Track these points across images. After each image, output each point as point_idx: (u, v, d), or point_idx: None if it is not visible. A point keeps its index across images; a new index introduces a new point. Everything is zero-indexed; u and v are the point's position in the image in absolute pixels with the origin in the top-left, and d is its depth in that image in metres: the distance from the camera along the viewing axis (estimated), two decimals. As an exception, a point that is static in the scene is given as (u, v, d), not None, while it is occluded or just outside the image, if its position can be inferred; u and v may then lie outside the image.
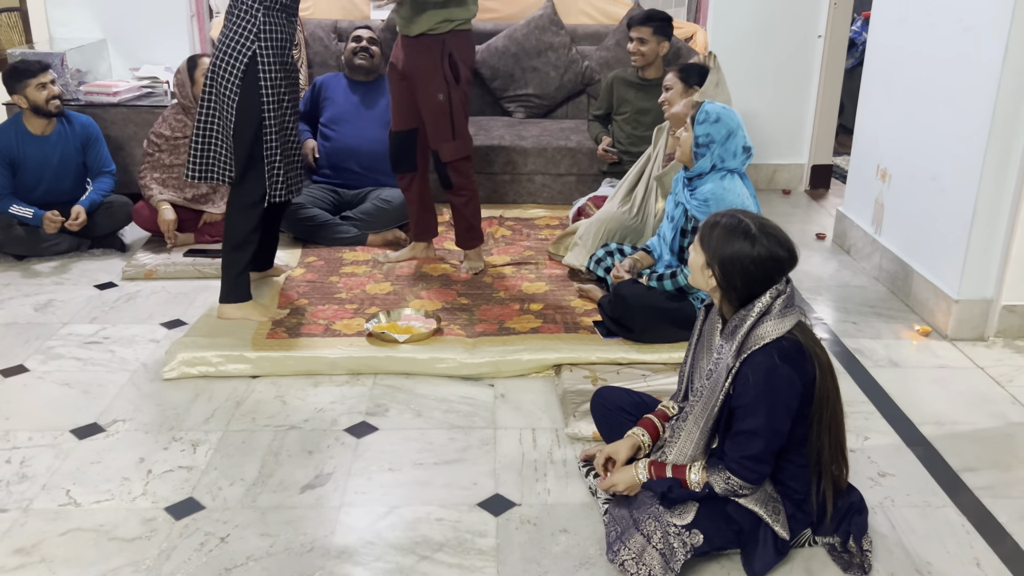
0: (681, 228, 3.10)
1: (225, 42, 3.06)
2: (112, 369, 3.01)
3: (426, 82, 3.42)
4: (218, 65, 3.08)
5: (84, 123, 4.06)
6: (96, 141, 4.07)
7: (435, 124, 3.49)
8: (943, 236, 3.37)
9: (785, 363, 1.94)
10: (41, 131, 3.92)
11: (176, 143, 4.05)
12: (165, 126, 4.07)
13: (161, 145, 4.06)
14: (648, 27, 4.03)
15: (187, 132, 4.05)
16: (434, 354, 3.03)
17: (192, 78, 3.98)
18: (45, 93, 3.85)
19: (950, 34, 3.33)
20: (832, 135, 5.23)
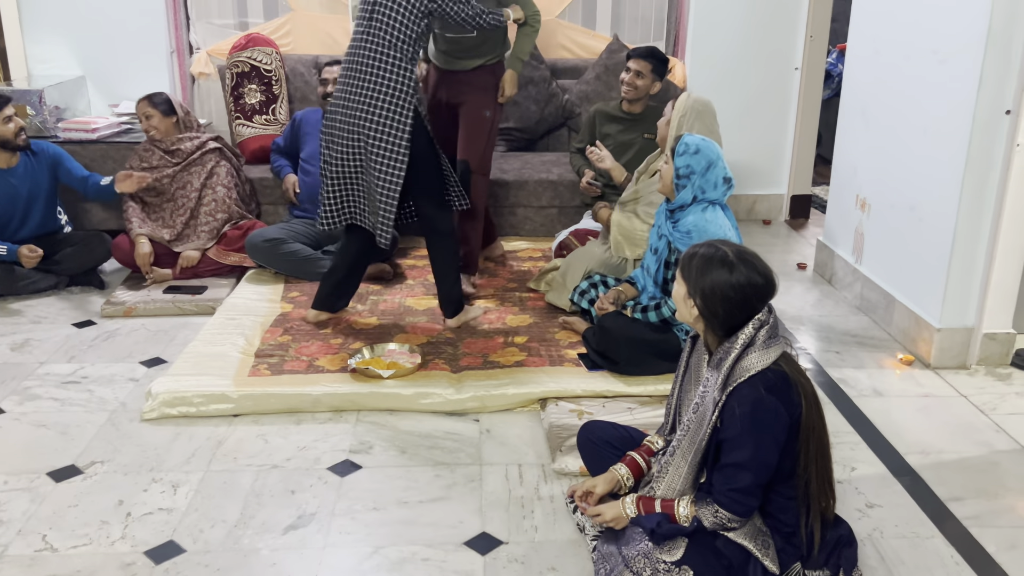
0: (665, 260, 3.11)
1: (383, 101, 3.18)
2: (90, 409, 2.96)
3: (478, 104, 3.80)
4: (379, 124, 3.18)
5: (44, 147, 4.02)
6: (63, 158, 4.06)
7: (472, 137, 3.80)
8: (924, 265, 3.40)
9: (772, 395, 1.93)
10: (6, 164, 3.89)
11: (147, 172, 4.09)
12: (135, 159, 4.13)
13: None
14: (649, 63, 4.06)
15: (153, 162, 4.11)
16: (419, 389, 3.00)
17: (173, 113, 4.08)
18: (12, 126, 3.83)
19: (925, 66, 3.39)
20: (811, 165, 5.28)
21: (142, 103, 4.09)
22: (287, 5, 5.01)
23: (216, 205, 4.12)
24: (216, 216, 4.11)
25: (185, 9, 4.99)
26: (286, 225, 4.16)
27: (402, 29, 3.19)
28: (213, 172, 4.17)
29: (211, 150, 4.19)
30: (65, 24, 4.79)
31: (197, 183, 4.12)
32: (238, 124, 4.76)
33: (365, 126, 3.20)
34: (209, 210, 4.11)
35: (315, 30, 5.04)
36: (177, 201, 4.12)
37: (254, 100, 4.75)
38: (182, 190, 4.12)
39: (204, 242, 4.07)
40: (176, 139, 4.13)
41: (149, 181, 4.01)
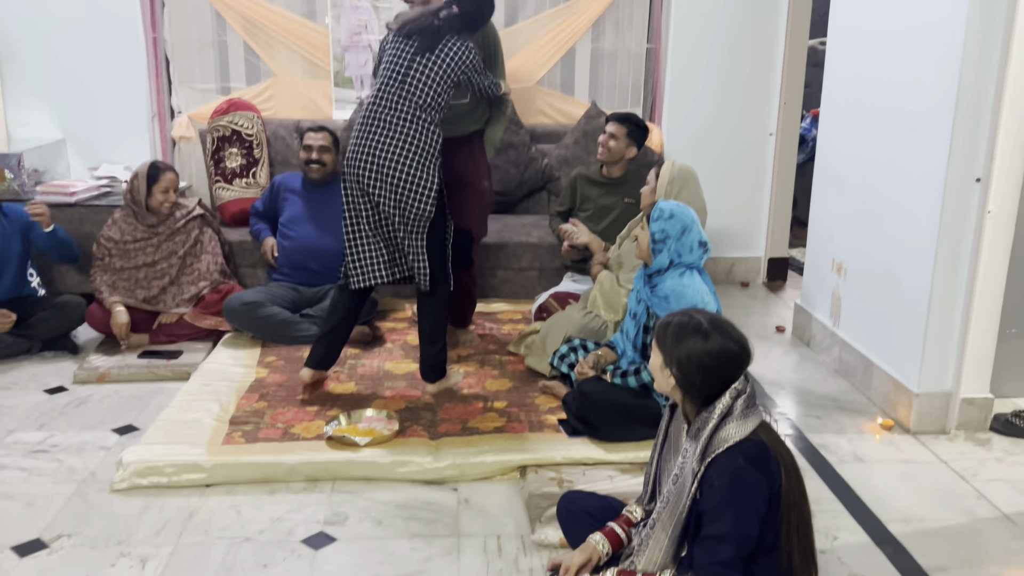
0: (644, 324, 3.11)
1: (415, 158, 3.23)
2: (59, 480, 2.89)
3: (476, 172, 3.81)
4: (407, 183, 3.22)
5: (17, 210, 3.96)
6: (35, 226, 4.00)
7: (473, 207, 3.81)
8: (901, 329, 3.42)
9: (751, 466, 1.91)
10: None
11: (126, 247, 4.02)
12: (115, 229, 4.04)
13: (111, 249, 4.02)
14: (624, 127, 4.13)
15: (136, 235, 4.03)
16: (396, 457, 2.95)
17: (150, 191, 3.98)
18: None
19: (896, 133, 3.45)
20: (787, 228, 5.34)
21: (174, 177, 4.05)
22: (269, 70, 5.06)
23: (199, 275, 4.09)
24: (198, 284, 4.07)
25: (168, 73, 5.03)
26: (264, 288, 4.14)
27: (436, 94, 3.27)
28: (197, 240, 4.13)
29: (195, 217, 4.15)
30: (46, 88, 4.81)
31: (181, 251, 4.08)
32: (218, 187, 4.77)
33: (397, 179, 3.22)
34: (191, 279, 4.08)
35: (297, 95, 5.09)
36: (157, 267, 4.05)
37: (235, 164, 4.77)
38: (165, 259, 4.06)
39: (182, 308, 4.03)
40: (169, 207, 4.07)
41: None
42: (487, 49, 3.75)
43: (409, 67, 3.28)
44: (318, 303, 4.16)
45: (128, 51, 4.82)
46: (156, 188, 3.99)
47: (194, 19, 4.97)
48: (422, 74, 3.26)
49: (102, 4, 4.73)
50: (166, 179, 4.01)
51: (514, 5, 5.08)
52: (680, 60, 5.07)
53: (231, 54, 5.06)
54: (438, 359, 3.51)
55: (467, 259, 3.86)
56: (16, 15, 4.70)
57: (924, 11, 3.26)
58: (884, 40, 3.56)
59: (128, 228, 4.03)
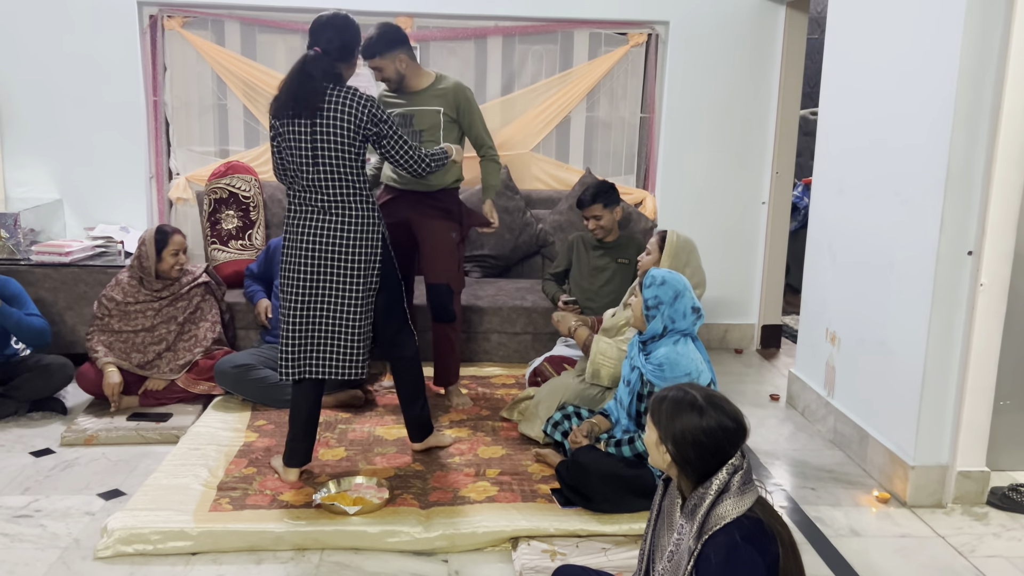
0: (638, 392, 3.09)
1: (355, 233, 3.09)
2: (41, 546, 2.83)
3: (442, 226, 3.83)
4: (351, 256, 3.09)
5: (2, 281, 3.91)
6: (18, 296, 3.90)
7: (444, 261, 3.84)
8: (895, 401, 3.41)
9: (747, 543, 1.89)
10: None
11: (127, 308, 4.00)
12: (118, 291, 4.02)
13: (112, 310, 4.00)
14: (598, 203, 4.17)
15: (139, 298, 4.01)
16: (385, 527, 2.90)
17: (160, 256, 3.97)
18: None
19: (887, 206, 3.49)
20: (780, 296, 5.37)
21: (182, 239, 4.02)
22: (267, 134, 5.11)
23: (195, 341, 4.08)
24: (193, 351, 4.05)
25: (167, 136, 5.08)
26: (256, 351, 4.12)
27: (350, 158, 3.06)
28: (198, 307, 4.13)
29: (199, 284, 4.15)
30: (45, 148, 4.85)
31: (181, 318, 4.07)
32: (213, 249, 4.78)
33: (335, 259, 3.09)
34: (187, 345, 4.06)
35: (294, 158, 5.13)
36: (155, 332, 4.02)
37: (231, 225, 4.79)
38: (164, 324, 4.04)
39: (175, 374, 4.00)
40: (178, 272, 4.06)
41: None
42: (458, 107, 3.80)
43: (315, 142, 3.02)
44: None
45: (128, 113, 4.88)
46: (166, 252, 3.97)
47: (195, 83, 5.05)
48: (330, 143, 3.02)
49: (104, 67, 4.80)
50: (175, 242, 4.00)
51: (510, 74, 5.17)
52: (673, 129, 5.15)
53: (231, 118, 5.13)
54: (422, 417, 3.48)
55: (449, 313, 3.88)
56: (18, 76, 4.77)
57: (914, 85, 3.33)
58: (874, 112, 3.63)
59: (131, 291, 4.01)
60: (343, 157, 3.06)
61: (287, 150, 3.10)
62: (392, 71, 3.71)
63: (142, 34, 4.86)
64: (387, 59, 3.68)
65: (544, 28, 5.11)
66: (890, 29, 3.52)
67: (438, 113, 3.78)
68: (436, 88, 3.81)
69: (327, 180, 3.07)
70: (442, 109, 3.79)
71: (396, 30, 3.71)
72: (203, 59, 4.99)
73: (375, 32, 3.68)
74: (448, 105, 3.80)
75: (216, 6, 4.90)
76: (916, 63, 3.31)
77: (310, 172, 3.06)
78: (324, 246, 3.10)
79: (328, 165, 3.05)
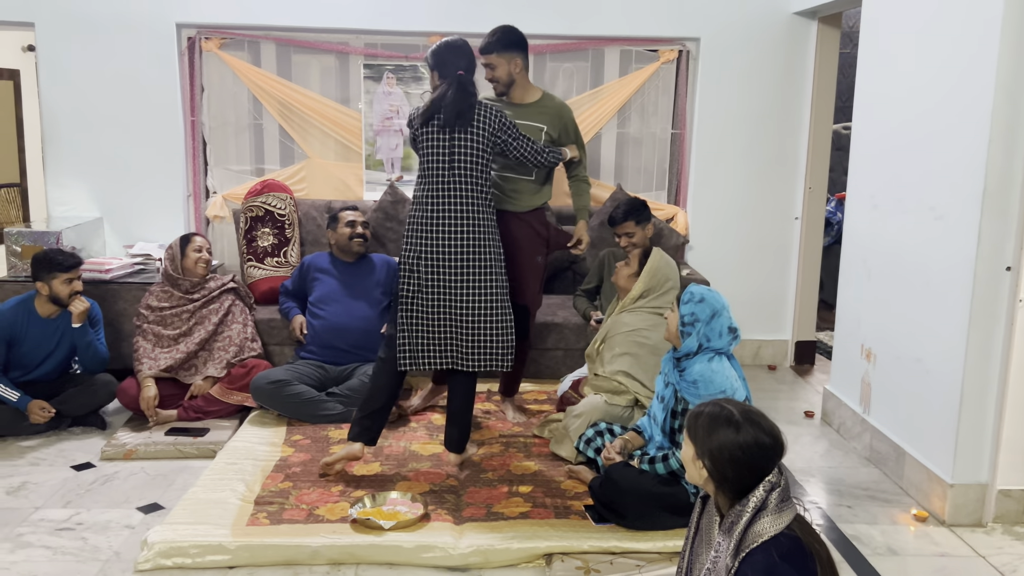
0: (672, 409, 3.09)
1: (482, 229, 3.37)
2: (82, 559, 2.88)
3: (531, 248, 3.85)
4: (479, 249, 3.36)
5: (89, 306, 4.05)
6: (97, 323, 4.10)
7: (528, 282, 3.86)
8: (933, 418, 3.37)
9: (785, 562, 1.88)
10: (48, 314, 3.95)
11: (163, 314, 4.16)
12: (152, 298, 4.19)
13: (148, 316, 4.15)
14: (630, 221, 4.15)
15: (173, 303, 4.17)
16: (420, 542, 2.92)
17: (184, 252, 4.20)
18: (69, 288, 3.90)
19: (923, 221, 3.46)
20: (814, 312, 5.33)
21: (203, 239, 4.25)
22: (303, 153, 5.19)
23: (230, 341, 4.21)
24: (228, 350, 4.18)
25: (204, 155, 5.18)
26: (291, 367, 4.17)
27: (484, 169, 3.40)
28: (229, 311, 4.28)
29: (228, 290, 4.33)
30: (87, 168, 4.96)
31: (215, 319, 4.21)
32: (249, 266, 4.85)
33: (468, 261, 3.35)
34: (222, 345, 4.20)
35: (328, 176, 5.21)
36: (193, 336, 4.16)
37: (266, 243, 4.86)
38: (199, 325, 4.18)
39: (214, 372, 4.12)
40: (203, 279, 4.25)
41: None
42: (562, 128, 3.86)
43: (453, 152, 3.36)
44: (344, 382, 4.18)
45: (167, 134, 4.98)
46: (189, 248, 4.20)
47: (231, 104, 5.14)
48: (467, 154, 3.37)
49: (144, 90, 4.91)
50: (197, 241, 4.24)
51: (542, 91, 5.20)
52: (705, 145, 5.15)
53: (266, 137, 5.21)
54: (468, 430, 3.59)
55: (524, 332, 3.94)
56: (61, 99, 4.88)
57: (950, 98, 3.31)
58: (909, 126, 3.61)
59: (164, 296, 4.19)
60: (478, 164, 3.39)
61: (424, 155, 3.43)
62: (504, 72, 3.74)
63: (180, 56, 4.96)
64: (504, 58, 3.72)
65: (575, 46, 5.15)
66: (925, 43, 3.51)
67: (541, 131, 3.80)
68: (543, 105, 3.84)
69: (461, 184, 3.36)
70: (545, 127, 3.81)
71: (518, 33, 3.77)
72: (239, 80, 5.08)
73: (498, 29, 3.75)
74: (552, 124, 3.82)
75: (252, 28, 5.00)
76: (952, 76, 3.29)
77: (446, 177, 3.36)
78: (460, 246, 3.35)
79: (463, 173, 3.37)
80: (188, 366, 4.13)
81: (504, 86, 3.78)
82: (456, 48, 3.45)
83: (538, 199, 3.87)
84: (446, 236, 3.35)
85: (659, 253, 3.70)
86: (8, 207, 6.12)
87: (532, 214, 3.86)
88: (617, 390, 3.59)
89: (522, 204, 3.83)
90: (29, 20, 4.80)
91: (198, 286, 4.23)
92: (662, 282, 3.66)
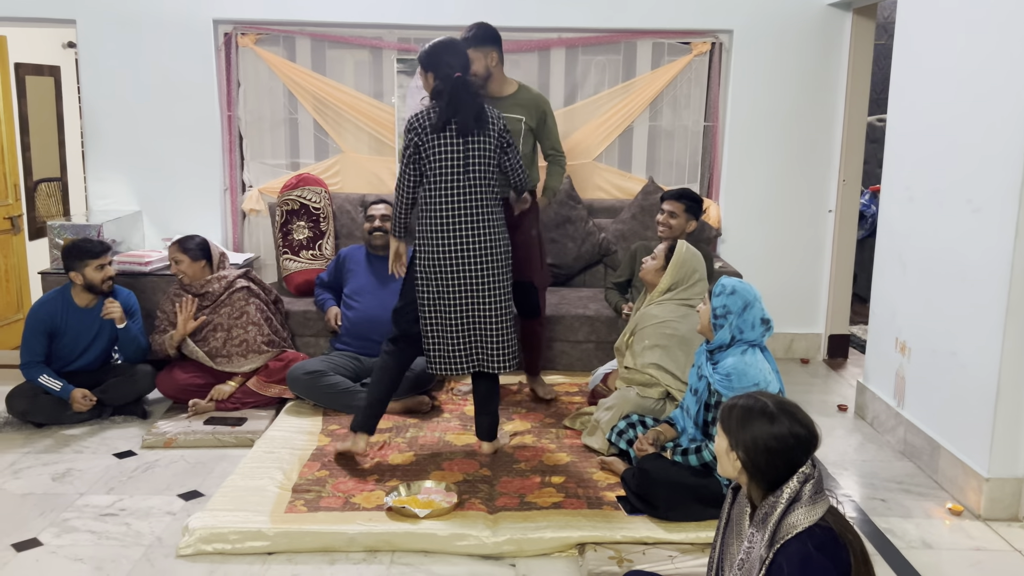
0: (705, 402, 3.09)
1: (497, 231, 3.42)
2: (126, 544, 2.95)
3: (526, 224, 3.96)
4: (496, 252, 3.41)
5: (125, 296, 4.15)
6: (134, 314, 4.16)
7: (532, 258, 4.00)
8: (968, 412, 3.35)
9: (820, 552, 1.88)
10: (85, 304, 4.03)
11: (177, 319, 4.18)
12: (167, 302, 4.24)
13: (164, 320, 4.23)
14: (681, 203, 4.17)
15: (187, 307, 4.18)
16: (454, 531, 2.96)
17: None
18: (102, 274, 3.98)
19: (959, 214, 3.44)
20: (847, 305, 5.29)
21: (173, 247, 4.18)
22: (337, 147, 5.25)
23: (247, 347, 4.18)
24: (247, 356, 4.17)
25: (240, 149, 5.25)
26: (327, 358, 4.23)
27: (495, 171, 3.43)
28: (243, 312, 4.22)
29: (239, 289, 4.25)
30: (126, 162, 5.06)
31: (227, 323, 4.20)
32: (285, 259, 4.92)
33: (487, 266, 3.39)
34: (240, 351, 4.18)
35: (362, 170, 5.26)
36: (208, 343, 4.18)
37: (302, 236, 4.92)
38: (212, 332, 4.19)
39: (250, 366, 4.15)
40: (204, 282, 4.19)
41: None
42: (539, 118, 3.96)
43: (467, 158, 3.35)
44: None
45: (204, 128, 5.06)
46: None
47: (267, 98, 5.21)
48: (480, 160, 3.37)
49: (181, 85, 4.99)
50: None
51: (573, 84, 5.22)
52: (738, 137, 5.14)
53: (301, 131, 5.27)
54: (497, 417, 3.65)
55: (535, 309, 4.07)
56: (101, 95, 4.98)
57: (986, 89, 3.27)
58: (946, 118, 3.57)
59: (178, 299, 4.21)
60: (491, 166, 3.41)
61: (436, 163, 3.35)
62: (482, 66, 3.83)
63: (217, 51, 5.03)
64: (480, 52, 3.81)
65: (607, 39, 5.15)
66: (963, 32, 3.47)
67: (520, 122, 3.92)
68: (519, 97, 3.95)
69: (478, 189, 3.38)
70: (524, 118, 3.93)
71: (492, 29, 3.89)
72: (275, 75, 5.14)
73: (473, 26, 3.87)
74: (530, 115, 3.94)
75: (287, 23, 5.05)
76: (992, 69, 3.26)
77: (461, 182, 3.36)
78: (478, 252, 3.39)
79: (477, 175, 3.37)
80: (215, 356, 4.16)
81: (481, 79, 3.85)
82: (451, 48, 3.44)
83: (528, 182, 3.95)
84: (465, 242, 3.36)
85: (684, 245, 3.70)
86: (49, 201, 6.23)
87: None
88: (648, 383, 3.60)
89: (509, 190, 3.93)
90: (70, 17, 4.90)
91: (203, 291, 4.19)
92: (689, 273, 3.65)
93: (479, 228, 3.37)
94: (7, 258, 5.50)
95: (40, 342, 3.93)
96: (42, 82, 6.09)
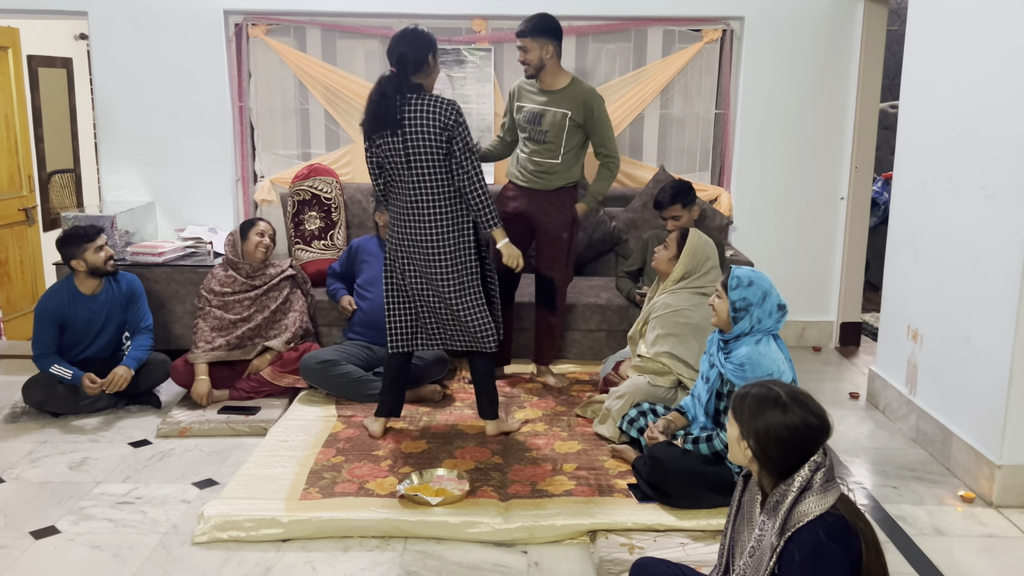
0: (716, 390, 3.10)
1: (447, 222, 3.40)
2: (143, 531, 2.99)
3: (558, 226, 4.09)
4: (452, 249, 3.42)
5: (130, 280, 4.19)
6: (139, 297, 4.20)
7: (557, 257, 4.13)
8: (981, 399, 3.34)
9: (832, 540, 1.89)
10: (91, 291, 4.06)
11: (224, 299, 4.21)
12: (215, 282, 4.25)
13: (211, 300, 4.22)
14: (677, 204, 4.21)
15: (235, 288, 4.23)
16: (467, 518, 2.98)
17: (246, 236, 4.24)
18: (103, 255, 4.01)
19: (972, 201, 3.42)
20: (860, 293, 5.28)
21: (268, 225, 4.30)
22: (348, 137, 5.26)
23: (286, 328, 4.26)
24: (283, 335, 4.24)
25: (252, 140, 5.27)
26: (339, 347, 4.25)
27: (439, 158, 3.34)
28: (287, 299, 4.33)
29: (287, 277, 4.37)
30: (139, 153, 5.08)
31: (273, 306, 4.27)
32: (297, 248, 4.94)
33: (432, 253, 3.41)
34: (277, 331, 4.26)
35: (373, 160, 5.26)
36: (251, 321, 4.23)
37: (313, 226, 4.94)
38: (260, 312, 4.24)
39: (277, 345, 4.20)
40: (261, 266, 4.29)
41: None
42: (586, 113, 3.97)
43: (408, 154, 3.34)
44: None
45: (216, 119, 5.07)
46: (252, 231, 4.24)
47: (278, 89, 5.22)
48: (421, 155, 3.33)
49: (193, 76, 5.01)
50: (261, 225, 4.28)
51: (584, 73, 5.20)
52: (749, 125, 5.12)
53: (312, 121, 5.29)
54: (496, 395, 3.73)
55: (551, 303, 4.19)
56: (113, 87, 5.01)
57: (1001, 77, 3.25)
58: (959, 105, 3.55)
59: (227, 281, 4.24)
60: (432, 158, 3.34)
61: (387, 161, 3.41)
62: (536, 57, 3.90)
63: (228, 42, 5.04)
64: (536, 43, 3.87)
65: (618, 27, 5.14)
66: (977, 18, 3.45)
67: (566, 116, 3.95)
68: (569, 91, 3.98)
69: (420, 182, 3.36)
70: (570, 113, 3.95)
71: (554, 21, 3.92)
72: (286, 65, 5.16)
73: (536, 16, 3.91)
74: (576, 109, 3.96)
75: (298, 13, 5.06)
76: (1005, 55, 3.23)
77: (406, 177, 3.38)
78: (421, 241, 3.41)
79: (420, 168, 3.35)
80: (243, 344, 4.20)
81: (534, 69, 3.93)
82: (395, 42, 3.38)
83: (564, 179, 4.07)
84: (414, 231, 3.41)
85: (696, 233, 3.70)
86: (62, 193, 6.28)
87: (559, 193, 4.08)
88: (660, 371, 3.61)
89: (551, 183, 4.06)
90: (82, 9, 4.92)
91: (258, 271, 4.27)
92: (702, 262, 3.66)
93: (426, 219, 3.39)
94: (22, 249, 5.55)
95: (49, 334, 3.97)
96: (55, 74, 6.13)
